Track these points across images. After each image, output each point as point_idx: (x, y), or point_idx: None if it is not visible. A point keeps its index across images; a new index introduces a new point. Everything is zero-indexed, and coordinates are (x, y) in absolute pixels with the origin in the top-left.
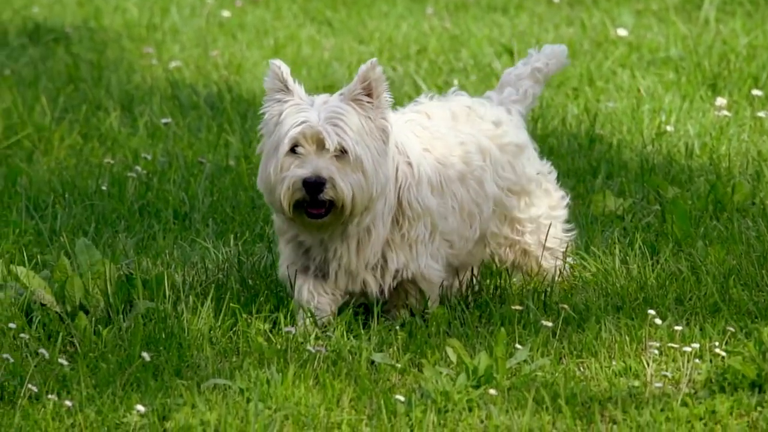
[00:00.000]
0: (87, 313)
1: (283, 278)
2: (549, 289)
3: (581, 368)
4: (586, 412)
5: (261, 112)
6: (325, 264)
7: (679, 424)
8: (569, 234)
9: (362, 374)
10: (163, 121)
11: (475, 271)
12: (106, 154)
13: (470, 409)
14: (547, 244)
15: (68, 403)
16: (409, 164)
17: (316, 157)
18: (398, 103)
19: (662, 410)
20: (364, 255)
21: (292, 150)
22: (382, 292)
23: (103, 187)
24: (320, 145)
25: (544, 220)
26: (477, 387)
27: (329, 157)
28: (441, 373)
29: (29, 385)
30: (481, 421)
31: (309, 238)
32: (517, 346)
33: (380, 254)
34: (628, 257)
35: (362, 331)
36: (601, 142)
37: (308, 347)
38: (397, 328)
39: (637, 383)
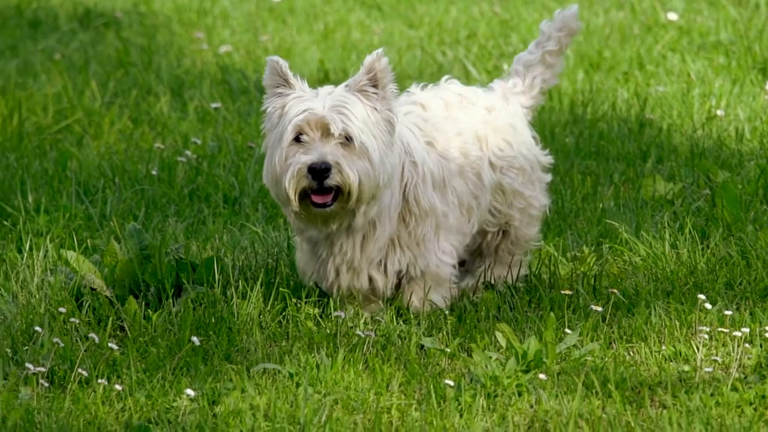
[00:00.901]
0: (137, 297)
1: (306, 281)
2: (599, 274)
3: (631, 353)
4: (635, 396)
5: (263, 108)
6: (328, 260)
7: (728, 409)
8: (539, 234)
9: (412, 359)
10: (213, 105)
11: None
12: (156, 138)
13: (519, 394)
14: (525, 231)
15: (118, 387)
16: (414, 163)
17: (322, 144)
18: None
19: (712, 395)
20: (368, 250)
21: (297, 139)
22: (390, 288)
23: (153, 172)
24: (325, 132)
25: (533, 201)
26: (526, 371)
27: (335, 144)
28: (490, 357)
29: (79, 370)
30: (531, 406)
31: (316, 233)
32: (567, 330)
33: (384, 251)
34: (678, 242)
35: (412, 316)
36: (651, 127)
37: (358, 332)
38: (447, 312)
39: (686, 368)
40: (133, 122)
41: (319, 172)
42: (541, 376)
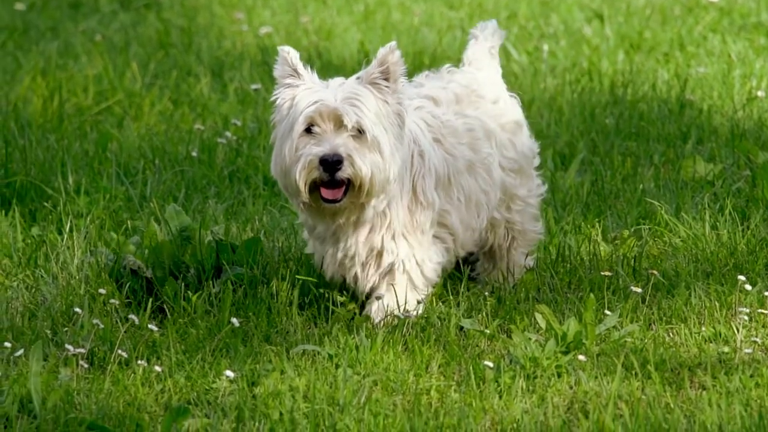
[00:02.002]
0: (177, 278)
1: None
2: (638, 255)
3: (671, 334)
4: (675, 378)
5: (272, 99)
6: (336, 252)
7: None
8: (540, 225)
9: (451, 340)
10: (253, 87)
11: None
12: (196, 120)
13: (559, 375)
14: (527, 226)
15: (158, 368)
16: (422, 153)
17: (334, 136)
18: None
19: (752, 376)
20: (374, 242)
21: (308, 130)
22: (370, 286)
23: (193, 153)
24: (337, 123)
25: (530, 200)
26: (566, 353)
27: (347, 136)
28: (530, 339)
29: (119, 351)
30: (570, 387)
31: (324, 227)
32: (606, 312)
33: (384, 242)
34: (718, 223)
35: (451, 297)
36: (692, 108)
37: (397, 313)
38: (486, 294)
39: (726, 349)
40: (173, 103)
41: (331, 164)
42: (581, 357)
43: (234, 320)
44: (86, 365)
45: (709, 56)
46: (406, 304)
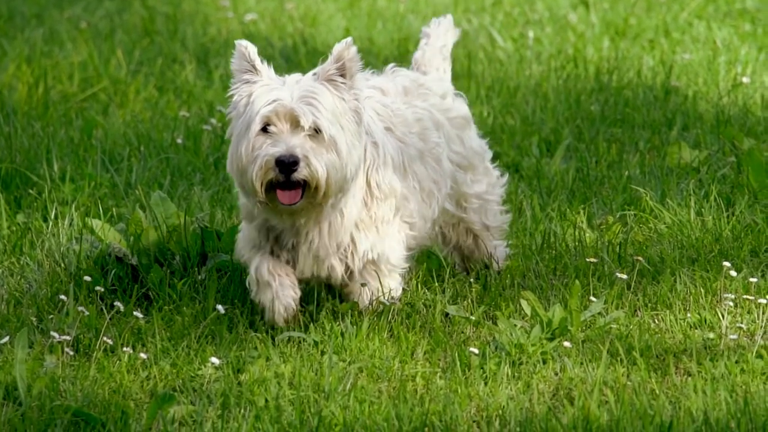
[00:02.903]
0: (162, 265)
1: (243, 259)
2: (624, 242)
3: (656, 320)
4: (660, 364)
5: (229, 94)
6: (295, 250)
7: (754, 376)
8: (507, 216)
9: (436, 327)
10: None
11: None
12: (181, 107)
13: (544, 362)
14: (489, 222)
15: (143, 355)
16: (375, 144)
17: (290, 136)
18: (473, 58)
19: (737, 362)
20: (336, 237)
21: (264, 129)
22: (348, 275)
23: (179, 140)
24: (294, 123)
25: (487, 196)
26: (551, 339)
27: (303, 136)
28: (515, 325)
29: (104, 338)
30: (556, 374)
31: (281, 223)
32: (592, 298)
33: (349, 236)
34: (703, 209)
35: (436, 284)
36: (677, 94)
37: (382, 299)
38: (471, 280)
39: (712, 335)
40: (158, 90)
41: (286, 165)
42: (566, 343)
43: (219, 307)
44: (71, 352)
45: (695, 43)
46: (390, 291)
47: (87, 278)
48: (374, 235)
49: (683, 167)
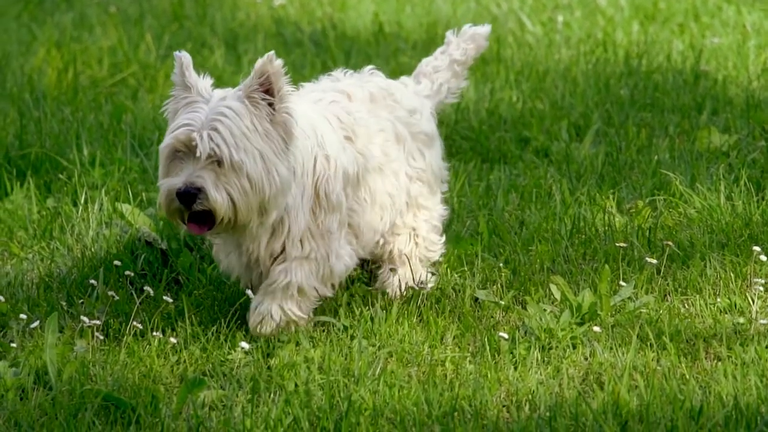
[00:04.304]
0: (191, 250)
1: (221, 266)
2: (653, 226)
3: (686, 305)
4: (690, 349)
5: (162, 109)
6: (238, 256)
7: None
8: (441, 242)
9: (466, 311)
10: None
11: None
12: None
13: (574, 347)
14: (431, 236)
15: (173, 340)
16: (327, 157)
17: (193, 165)
18: (503, 42)
19: (767, 347)
20: (274, 246)
21: (176, 153)
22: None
23: None
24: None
25: (434, 213)
26: (581, 324)
27: (207, 164)
28: (545, 310)
29: (134, 323)
30: (585, 359)
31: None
32: (622, 283)
33: (281, 248)
34: (733, 194)
35: (466, 269)
36: (707, 78)
37: (411, 284)
38: (501, 265)
39: (741, 320)
40: None
41: (185, 198)
42: (596, 328)
43: (249, 292)
44: (101, 337)
45: (724, 27)
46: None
47: (117, 263)
48: (319, 243)
49: (713, 152)
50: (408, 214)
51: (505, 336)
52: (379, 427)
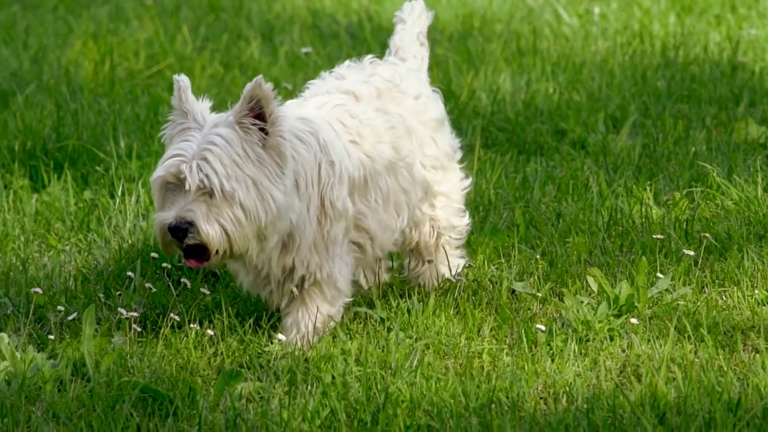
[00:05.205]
0: None
1: (238, 281)
2: (691, 218)
3: (723, 297)
4: (728, 341)
5: (160, 134)
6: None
7: None
8: (467, 218)
9: (503, 303)
10: (304, 50)
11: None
12: (246, 83)
13: (611, 339)
14: (453, 221)
15: (210, 332)
16: (332, 163)
17: (183, 198)
18: (539, 34)
19: None
20: (285, 261)
21: (168, 185)
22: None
23: None
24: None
25: (452, 195)
26: (618, 316)
27: (198, 196)
28: (582, 302)
29: (172, 315)
30: (623, 351)
31: None
32: (659, 275)
33: (293, 261)
34: None
35: (503, 260)
36: (744, 70)
37: (448, 276)
38: (537, 257)
39: None
40: (224, 67)
41: (176, 232)
42: (633, 320)
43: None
44: (139, 329)
45: (761, 18)
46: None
47: (154, 255)
48: (323, 255)
49: (750, 143)
50: (424, 204)
51: (543, 328)
52: (416, 419)
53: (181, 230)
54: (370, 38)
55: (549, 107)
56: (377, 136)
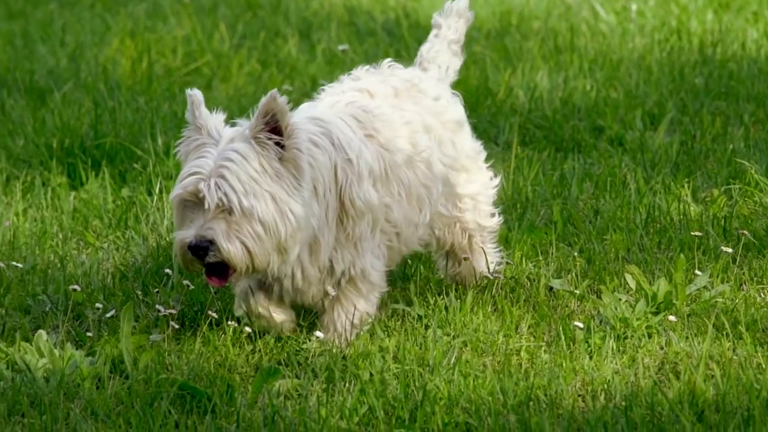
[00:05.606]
0: None
1: (235, 291)
2: (729, 215)
3: (762, 294)
4: (766, 338)
5: (175, 150)
6: (279, 281)
7: None
8: (498, 218)
9: (541, 301)
10: (341, 47)
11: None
12: (284, 81)
13: (649, 336)
14: (482, 222)
15: (248, 329)
16: (349, 160)
17: (203, 216)
18: (576, 31)
19: None
20: (318, 264)
21: (186, 202)
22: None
23: None
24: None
25: (480, 197)
26: (656, 313)
27: (218, 213)
28: (620, 299)
29: (210, 312)
30: (661, 348)
31: None
32: (697, 272)
33: (327, 258)
34: None
35: (540, 258)
36: None
37: (486, 273)
38: (575, 254)
39: None
40: (261, 65)
41: (197, 251)
42: (671, 317)
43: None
44: (177, 326)
45: None
46: (365, 316)
47: None
48: (353, 253)
49: None
50: (449, 204)
51: (581, 325)
52: (453, 417)
53: (201, 248)
54: (407, 35)
55: (586, 104)
56: (393, 130)
